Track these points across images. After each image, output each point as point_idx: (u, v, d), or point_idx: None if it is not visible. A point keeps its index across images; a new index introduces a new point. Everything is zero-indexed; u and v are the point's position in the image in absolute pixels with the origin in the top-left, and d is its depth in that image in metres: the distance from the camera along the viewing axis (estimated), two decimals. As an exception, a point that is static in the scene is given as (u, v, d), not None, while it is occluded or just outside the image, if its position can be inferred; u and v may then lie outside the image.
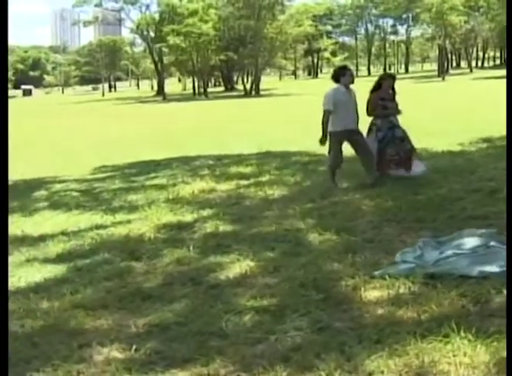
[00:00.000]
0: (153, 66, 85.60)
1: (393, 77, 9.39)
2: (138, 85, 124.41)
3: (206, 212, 7.63)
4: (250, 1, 63.43)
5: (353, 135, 8.62)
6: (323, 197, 7.94)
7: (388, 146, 8.88)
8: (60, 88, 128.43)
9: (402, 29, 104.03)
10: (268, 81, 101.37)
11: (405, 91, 9.40)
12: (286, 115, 28.47)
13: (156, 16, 74.92)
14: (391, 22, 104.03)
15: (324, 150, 13.01)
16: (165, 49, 73.08)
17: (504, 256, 5.17)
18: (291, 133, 18.27)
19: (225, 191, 9.09)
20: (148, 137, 21.07)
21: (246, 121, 26.06)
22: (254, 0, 63.21)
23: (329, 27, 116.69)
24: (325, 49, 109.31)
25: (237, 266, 5.52)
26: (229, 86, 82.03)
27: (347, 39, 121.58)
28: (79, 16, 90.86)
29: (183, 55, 70.68)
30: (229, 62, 73.58)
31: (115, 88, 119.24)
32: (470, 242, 5.56)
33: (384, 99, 8.90)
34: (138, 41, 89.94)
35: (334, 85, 8.65)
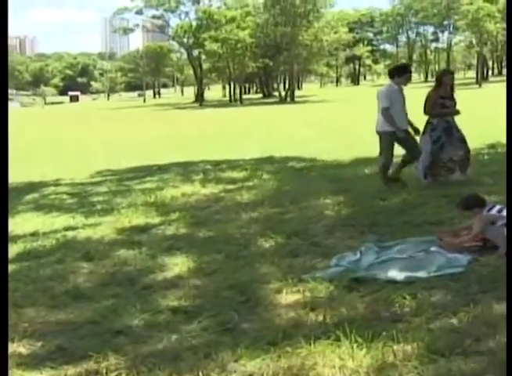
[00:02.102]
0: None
1: (451, 73, 9.00)
2: (182, 92, 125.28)
3: (175, 215, 7.70)
4: (286, 9, 63.56)
5: (403, 135, 8.32)
6: (294, 201, 7.93)
7: (443, 150, 8.47)
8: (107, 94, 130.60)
9: (443, 36, 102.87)
10: (309, 88, 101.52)
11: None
12: (309, 121, 28.44)
13: (194, 23, 75.59)
14: (431, 29, 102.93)
15: (323, 155, 13.12)
16: (203, 56, 73.76)
17: (439, 261, 5.13)
18: (304, 138, 18.30)
19: (206, 195, 9.15)
20: (165, 142, 21.36)
21: (267, 126, 26.14)
22: (289, 7, 63.30)
23: (370, 35, 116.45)
24: (367, 57, 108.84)
25: (178, 268, 5.58)
26: (267, 93, 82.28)
27: (388, 46, 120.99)
28: (128, 23, 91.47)
29: (220, 61, 71.30)
30: (267, 69, 73.85)
31: (159, 94, 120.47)
32: (411, 247, 5.52)
33: (443, 97, 8.48)
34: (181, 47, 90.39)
35: (387, 82, 8.61)
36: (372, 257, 5.36)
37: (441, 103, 8.46)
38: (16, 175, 13.36)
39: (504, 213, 5.29)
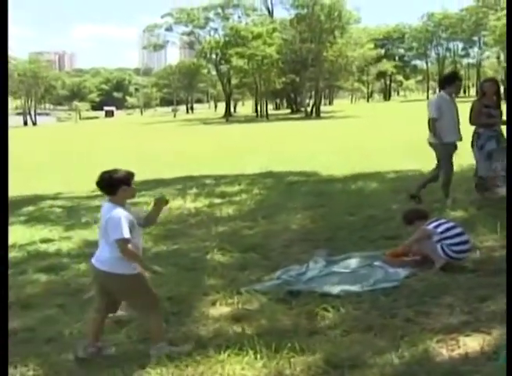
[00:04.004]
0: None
1: (495, 82, 8.48)
2: (215, 107, 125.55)
3: (149, 229, 7.81)
4: (312, 25, 63.83)
5: (448, 147, 7.98)
6: (267, 216, 8.03)
7: (492, 159, 8.03)
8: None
9: (473, 51, 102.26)
10: (339, 103, 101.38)
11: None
12: (325, 136, 28.51)
13: (221, 39, 76.28)
14: (461, 45, 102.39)
15: (322, 170, 13.17)
16: (231, 72, 74.41)
17: (377, 276, 5.18)
18: (312, 153, 18.38)
19: (189, 209, 9.28)
20: (178, 156, 21.62)
21: (281, 141, 26.29)
22: (315, 23, 63.56)
23: (401, 50, 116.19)
24: (397, 72, 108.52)
25: (129, 280, 5.71)
26: (295, 108, 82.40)
27: (419, 62, 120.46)
28: (165, 39, 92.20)
29: (247, 77, 71.83)
30: (294, 84, 74.09)
31: (192, 109, 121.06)
32: (357, 262, 5.58)
33: (488, 106, 8.02)
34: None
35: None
36: (317, 270, 5.43)
37: (487, 113, 8.05)
38: (22, 188, 13.71)
39: (439, 229, 5.31)
